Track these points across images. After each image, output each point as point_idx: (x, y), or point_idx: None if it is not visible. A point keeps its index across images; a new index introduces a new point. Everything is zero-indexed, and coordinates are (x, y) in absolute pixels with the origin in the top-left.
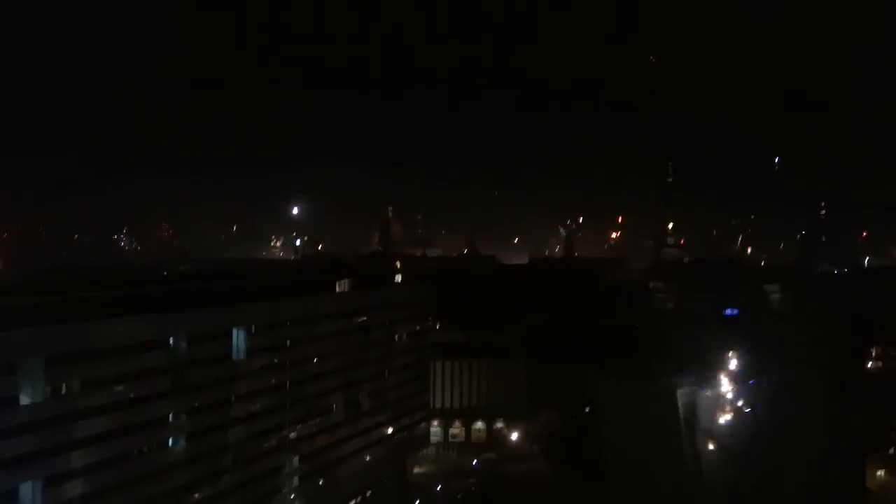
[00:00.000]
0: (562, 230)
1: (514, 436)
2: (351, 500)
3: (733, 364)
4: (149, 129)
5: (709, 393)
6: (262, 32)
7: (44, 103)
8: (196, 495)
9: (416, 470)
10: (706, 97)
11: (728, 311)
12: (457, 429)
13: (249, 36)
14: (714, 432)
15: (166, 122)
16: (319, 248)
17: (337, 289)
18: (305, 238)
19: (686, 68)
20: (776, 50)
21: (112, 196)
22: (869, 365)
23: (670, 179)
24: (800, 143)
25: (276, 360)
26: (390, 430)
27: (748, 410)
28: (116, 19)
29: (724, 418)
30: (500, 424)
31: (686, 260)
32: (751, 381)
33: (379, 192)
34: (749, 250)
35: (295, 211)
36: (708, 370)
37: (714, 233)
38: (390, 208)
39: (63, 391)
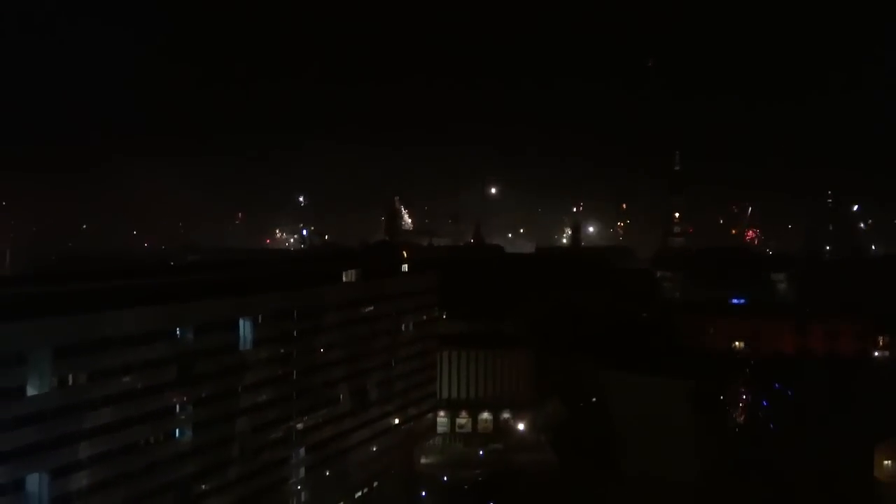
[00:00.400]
0: (567, 219)
1: (521, 426)
2: (358, 490)
3: (740, 354)
4: (157, 122)
5: (716, 384)
6: (270, 27)
7: (53, 96)
8: (203, 486)
9: (423, 460)
10: (714, 88)
11: (735, 300)
12: (464, 419)
13: (257, 30)
14: (722, 423)
15: (174, 115)
16: (326, 237)
17: (343, 279)
18: (312, 228)
19: (695, 59)
20: (785, 38)
21: (120, 187)
22: (876, 354)
23: (678, 168)
24: (808, 133)
25: (282, 351)
26: (397, 421)
27: (757, 401)
28: (124, 13)
29: (733, 409)
30: (506, 415)
31: (693, 249)
32: (758, 373)
33: (386, 182)
34: (753, 236)
35: (301, 200)
36: (713, 361)
37: (721, 221)
38: (397, 198)
39: (70, 382)
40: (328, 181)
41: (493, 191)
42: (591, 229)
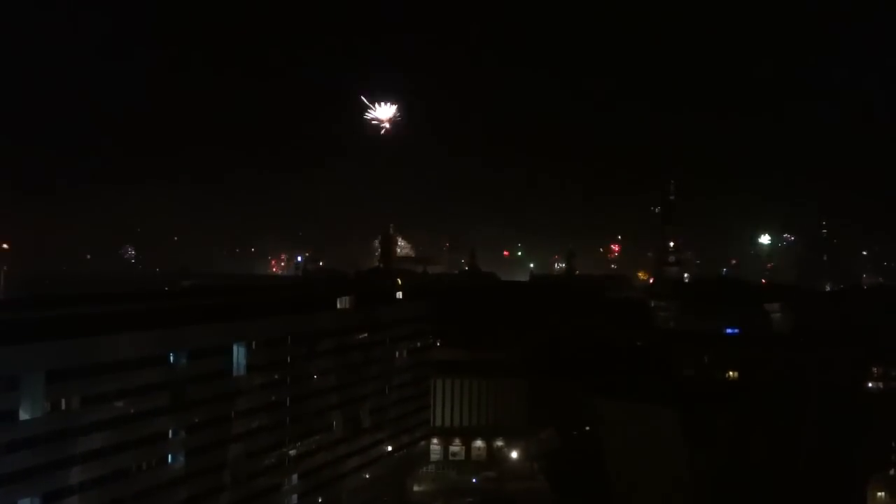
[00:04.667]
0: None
1: (514, 454)
2: None
3: (733, 383)
4: (152, 147)
5: (709, 413)
6: (269, 58)
7: (51, 116)
8: None
9: (416, 488)
10: (708, 116)
11: (729, 330)
12: (457, 447)
13: (256, 62)
14: (714, 451)
15: (169, 140)
16: (321, 264)
17: (338, 305)
18: (307, 254)
19: (689, 91)
20: (779, 69)
21: (115, 211)
22: (870, 385)
23: (672, 198)
24: (802, 162)
25: (276, 377)
26: (390, 448)
27: (750, 431)
28: (129, 38)
29: (725, 438)
30: (500, 443)
31: (687, 278)
32: (751, 403)
33: (381, 208)
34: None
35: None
36: (706, 389)
37: (715, 250)
38: (392, 225)
39: (63, 406)
40: (324, 207)
41: (488, 218)
42: (585, 257)
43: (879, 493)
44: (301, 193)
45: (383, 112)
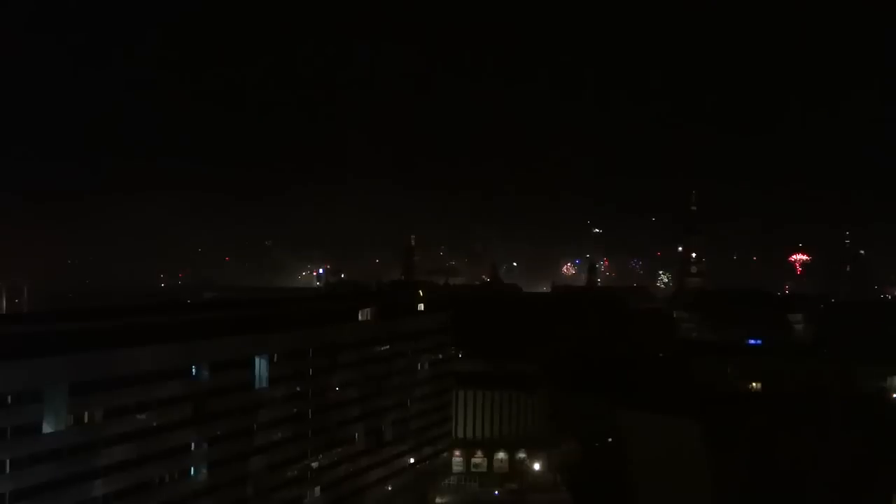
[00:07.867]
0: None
1: (537, 466)
2: None
3: (756, 395)
4: (173, 162)
5: (732, 425)
6: (290, 72)
7: (77, 130)
8: None
9: (439, 500)
10: (730, 126)
11: (752, 341)
12: (479, 459)
13: (276, 73)
14: (738, 464)
15: (190, 156)
16: (342, 276)
17: (359, 318)
18: (328, 266)
19: (712, 97)
20: (805, 78)
21: (137, 225)
22: (894, 396)
23: (694, 208)
24: (827, 173)
25: (297, 389)
26: (412, 460)
27: (773, 443)
28: (152, 59)
29: (749, 450)
30: (522, 455)
31: (710, 289)
32: (774, 414)
33: (402, 220)
34: None
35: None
36: (729, 401)
37: (736, 260)
38: (413, 237)
39: (86, 419)
40: (345, 220)
41: (510, 230)
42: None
43: None
44: (323, 206)
45: None
